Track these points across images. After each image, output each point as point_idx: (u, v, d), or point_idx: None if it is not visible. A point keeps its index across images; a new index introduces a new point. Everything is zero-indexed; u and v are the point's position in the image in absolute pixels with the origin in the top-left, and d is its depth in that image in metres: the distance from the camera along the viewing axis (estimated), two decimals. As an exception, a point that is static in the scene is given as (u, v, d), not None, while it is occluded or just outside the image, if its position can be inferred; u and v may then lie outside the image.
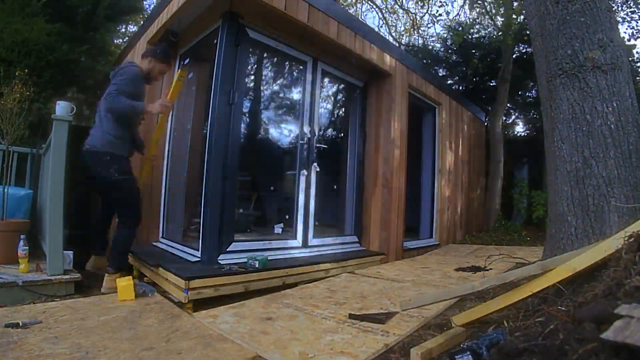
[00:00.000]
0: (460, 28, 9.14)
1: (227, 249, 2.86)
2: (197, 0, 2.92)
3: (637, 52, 7.20)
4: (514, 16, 7.18)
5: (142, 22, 4.88)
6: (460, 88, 8.85)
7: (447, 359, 1.34)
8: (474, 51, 8.74)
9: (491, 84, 8.47)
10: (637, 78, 6.49)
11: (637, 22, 7.09)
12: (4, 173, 2.87)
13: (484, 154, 7.19)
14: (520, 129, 9.48)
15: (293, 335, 1.76)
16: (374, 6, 11.47)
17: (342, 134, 4.76)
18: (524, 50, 7.89)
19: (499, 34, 7.52)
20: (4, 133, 2.78)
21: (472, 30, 9.14)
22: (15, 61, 3.73)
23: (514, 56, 7.61)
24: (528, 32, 3.70)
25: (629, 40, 6.99)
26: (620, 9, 7.04)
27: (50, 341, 1.61)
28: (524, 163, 8.00)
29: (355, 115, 4.39)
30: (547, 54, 2.24)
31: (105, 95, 2.56)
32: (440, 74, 9.16)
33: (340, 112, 5.06)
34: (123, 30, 8.09)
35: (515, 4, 7.27)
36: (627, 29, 7.10)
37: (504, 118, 8.16)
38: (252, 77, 4.70)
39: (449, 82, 8.87)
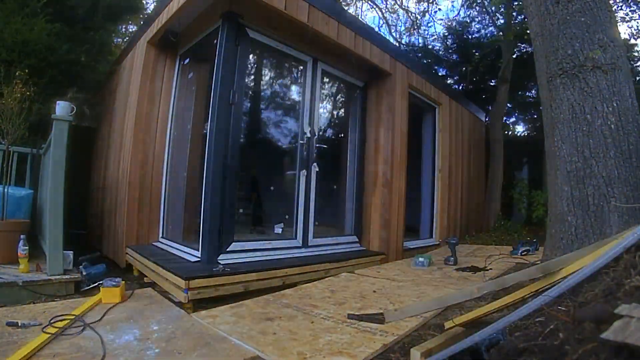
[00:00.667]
0: (460, 28, 9.14)
1: (227, 249, 2.86)
2: (197, 0, 2.92)
3: (637, 52, 7.20)
4: (514, 14, 7.18)
5: (142, 22, 4.88)
6: (460, 88, 8.85)
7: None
8: (474, 51, 8.74)
9: (491, 84, 8.47)
10: (637, 78, 6.48)
11: (637, 22, 7.08)
12: (4, 173, 2.87)
13: (484, 154, 7.18)
14: (520, 129, 9.48)
15: (292, 335, 1.76)
16: (374, 6, 11.47)
17: (342, 134, 4.76)
18: (524, 50, 7.90)
19: (499, 32, 7.52)
20: (4, 133, 2.78)
21: (472, 30, 9.14)
22: (16, 61, 3.73)
23: (514, 56, 7.60)
24: (528, 32, 3.70)
25: (629, 40, 7.00)
26: (620, 8, 7.04)
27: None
28: (524, 163, 8.00)
29: (355, 115, 4.39)
30: (548, 54, 2.24)
31: None
32: (440, 74, 9.15)
33: (340, 112, 5.06)
34: (123, 30, 8.08)
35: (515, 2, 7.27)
36: (627, 28, 7.10)
37: (504, 118, 8.16)
38: (252, 77, 4.70)
39: (449, 82, 8.87)
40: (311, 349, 1.59)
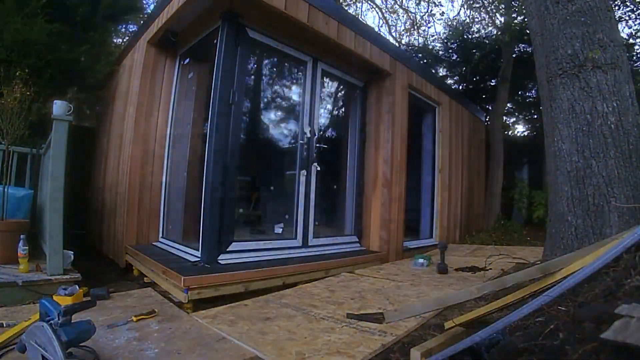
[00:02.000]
0: (460, 28, 9.14)
1: (227, 249, 2.86)
2: (197, 0, 2.92)
3: (637, 52, 7.19)
4: (514, 15, 7.17)
5: (142, 22, 4.88)
6: (460, 88, 8.85)
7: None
8: (474, 51, 8.74)
9: (491, 84, 8.46)
10: (637, 78, 6.47)
11: (636, 22, 7.08)
12: (4, 173, 2.86)
13: (484, 154, 7.18)
14: (520, 129, 9.48)
15: (290, 335, 1.76)
16: (374, 6, 11.47)
17: (342, 134, 4.76)
18: (524, 50, 7.89)
19: (499, 32, 7.52)
20: (4, 133, 2.78)
21: (472, 30, 9.13)
22: (16, 61, 3.72)
23: (514, 56, 7.60)
24: (528, 32, 3.70)
25: (627, 40, 6.99)
26: (618, 8, 7.03)
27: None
28: (524, 163, 8.00)
29: (355, 115, 4.39)
30: (548, 53, 2.24)
31: None
32: (440, 74, 9.15)
33: (340, 112, 5.06)
34: (123, 30, 8.07)
35: (514, 3, 7.26)
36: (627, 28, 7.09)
37: (504, 118, 8.16)
38: (252, 77, 4.70)
39: (449, 82, 8.87)
40: (310, 349, 1.59)
